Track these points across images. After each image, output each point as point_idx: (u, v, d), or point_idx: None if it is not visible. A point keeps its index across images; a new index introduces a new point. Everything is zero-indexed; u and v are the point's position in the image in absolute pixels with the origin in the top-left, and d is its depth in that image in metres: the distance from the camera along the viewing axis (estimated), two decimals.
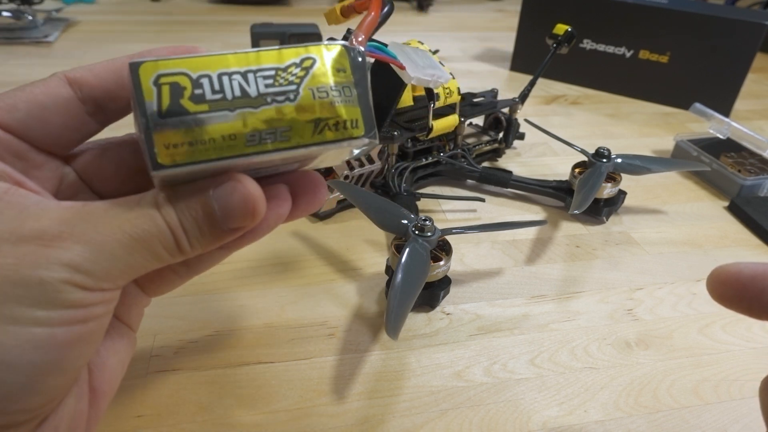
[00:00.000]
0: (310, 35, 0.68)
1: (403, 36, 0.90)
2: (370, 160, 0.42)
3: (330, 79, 0.18)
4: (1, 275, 0.15)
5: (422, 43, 0.44)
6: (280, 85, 0.18)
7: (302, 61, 0.18)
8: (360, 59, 0.19)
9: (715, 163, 0.50)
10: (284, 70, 0.18)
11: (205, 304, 0.33)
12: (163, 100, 0.16)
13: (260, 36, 0.67)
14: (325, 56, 0.18)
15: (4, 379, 0.15)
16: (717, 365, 0.31)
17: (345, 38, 0.39)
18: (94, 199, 0.20)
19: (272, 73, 0.18)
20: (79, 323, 0.16)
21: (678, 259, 0.40)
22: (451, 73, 0.43)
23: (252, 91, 0.17)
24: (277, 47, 0.18)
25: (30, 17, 0.81)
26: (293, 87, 0.18)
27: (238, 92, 0.17)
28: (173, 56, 0.17)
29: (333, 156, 0.20)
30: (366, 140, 0.19)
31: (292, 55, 0.18)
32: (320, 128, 0.18)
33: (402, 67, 0.22)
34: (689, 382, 0.30)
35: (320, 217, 0.42)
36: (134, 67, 0.16)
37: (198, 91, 0.17)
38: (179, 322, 0.32)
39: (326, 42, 0.18)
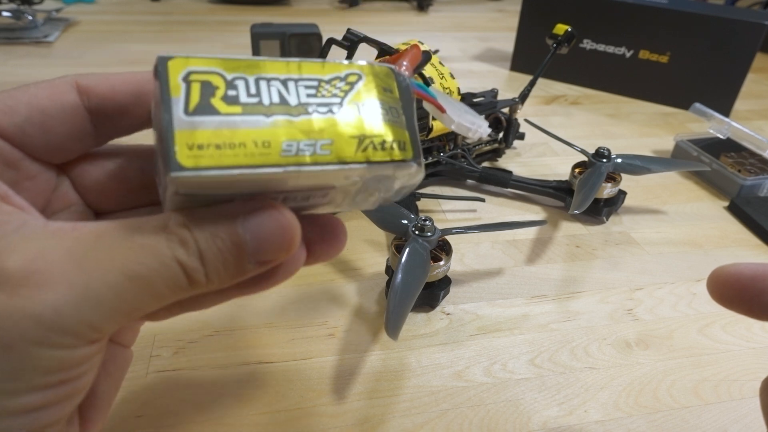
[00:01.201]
0: (310, 35, 0.68)
1: (403, 36, 0.90)
2: None
3: (376, 97, 0.16)
4: None
5: (422, 43, 0.44)
6: (323, 96, 0.16)
7: (347, 75, 0.16)
8: (406, 85, 0.17)
9: (715, 163, 0.50)
10: (328, 82, 0.16)
11: None
12: (192, 97, 0.15)
13: (260, 36, 0.67)
14: (373, 75, 0.17)
15: None
16: (717, 365, 0.31)
17: (345, 38, 0.39)
18: (88, 214, 0.19)
19: (315, 83, 0.16)
20: (58, 386, 0.14)
21: (678, 259, 0.40)
22: (451, 74, 0.43)
23: (292, 99, 0.15)
24: (321, 60, 0.16)
25: (30, 17, 0.81)
26: (337, 99, 0.16)
27: (276, 98, 0.15)
28: (207, 55, 0.15)
29: (377, 185, 0.17)
30: (413, 166, 0.16)
31: (336, 68, 0.16)
32: (364, 146, 0.16)
33: (443, 110, 0.21)
34: (689, 382, 0.30)
35: None
36: (163, 61, 0.15)
37: (232, 93, 0.15)
38: (179, 322, 0.32)
39: (374, 63, 0.17)
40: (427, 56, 0.22)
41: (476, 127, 0.21)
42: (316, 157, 0.15)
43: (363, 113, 0.16)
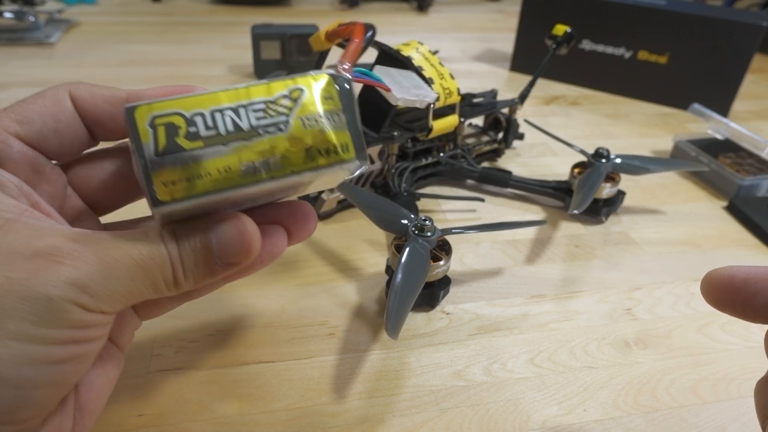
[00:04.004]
0: (310, 36, 0.68)
1: (403, 36, 0.90)
2: (371, 160, 0.42)
3: (319, 108, 0.19)
4: (12, 289, 0.15)
5: (422, 44, 0.44)
6: (271, 116, 0.18)
7: (291, 92, 0.18)
8: (347, 86, 0.19)
9: (713, 164, 0.50)
10: (274, 102, 0.18)
11: (205, 303, 0.33)
12: (159, 140, 0.17)
13: (261, 37, 0.67)
14: (313, 86, 0.19)
15: None
16: (715, 364, 0.32)
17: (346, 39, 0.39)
18: (93, 218, 0.22)
19: (263, 106, 0.18)
20: (76, 343, 0.17)
21: (677, 259, 0.40)
22: (451, 75, 0.43)
23: (244, 125, 0.18)
24: (266, 81, 0.19)
25: (32, 18, 0.81)
26: (284, 118, 0.18)
27: (231, 127, 0.18)
28: (167, 98, 0.18)
29: (326, 181, 0.20)
30: (357, 163, 0.19)
31: (280, 87, 0.18)
32: (312, 155, 0.19)
33: (387, 90, 0.23)
34: (688, 381, 0.30)
35: (320, 217, 0.42)
36: (130, 112, 0.17)
37: (192, 129, 0.17)
38: (180, 322, 0.32)
39: (313, 72, 0.19)
40: (371, 32, 0.23)
41: (421, 98, 0.23)
42: (271, 173, 0.18)
43: (308, 126, 0.18)
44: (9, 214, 0.17)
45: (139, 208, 0.22)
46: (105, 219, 0.23)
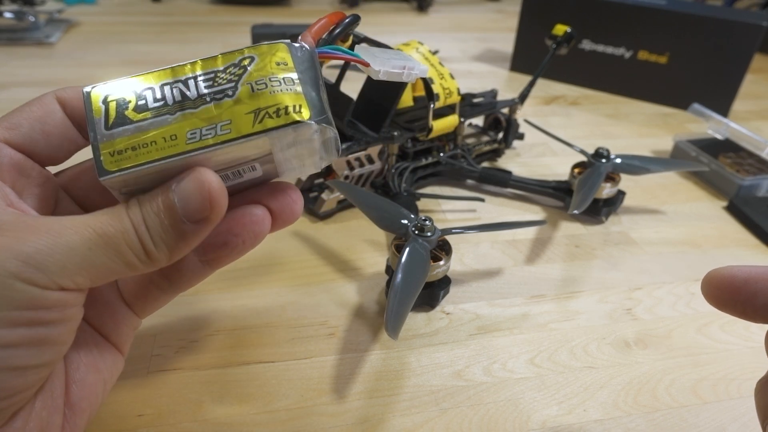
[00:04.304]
0: None
1: (403, 36, 0.90)
2: (370, 160, 0.42)
3: (269, 72, 0.18)
4: None
5: (422, 44, 0.44)
6: (219, 84, 0.18)
7: (240, 60, 0.18)
8: (302, 54, 0.19)
9: (713, 164, 0.50)
10: (223, 71, 0.18)
11: (205, 303, 0.33)
12: (110, 114, 0.18)
13: (261, 37, 0.67)
14: (264, 53, 0.19)
15: None
16: (715, 364, 0.32)
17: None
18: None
19: (211, 75, 0.18)
20: (32, 326, 0.16)
21: (677, 259, 0.40)
22: (451, 75, 0.43)
23: (191, 94, 0.18)
24: (219, 54, 0.19)
25: (32, 18, 0.81)
26: (231, 84, 0.18)
27: (178, 97, 0.18)
28: (125, 78, 0.18)
29: (294, 153, 0.19)
30: (313, 125, 0.18)
31: (231, 57, 0.19)
32: (260, 117, 0.18)
33: (365, 64, 0.22)
34: (688, 381, 0.30)
35: (320, 217, 0.42)
36: (87, 94, 0.18)
37: (141, 102, 0.18)
38: (180, 322, 0.32)
39: (267, 42, 0.19)
40: (351, 18, 0.22)
41: (408, 70, 0.22)
42: (217, 138, 0.18)
43: (256, 89, 0.18)
44: None
45: None
46: None
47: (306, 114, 0.18)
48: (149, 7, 1.04)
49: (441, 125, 0.43)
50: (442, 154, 0.46)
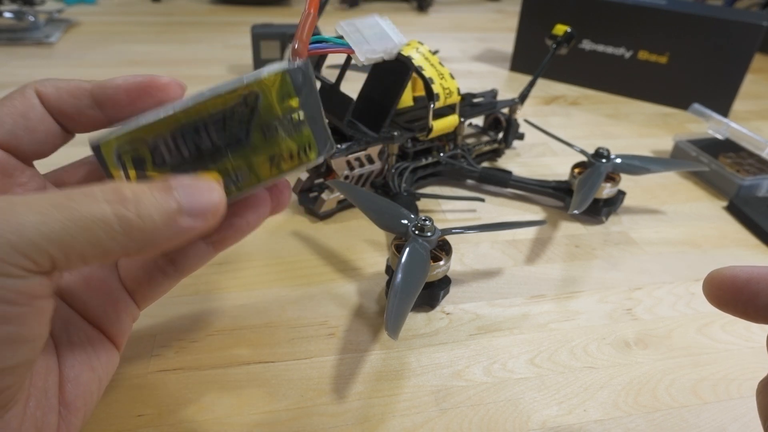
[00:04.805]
0: None
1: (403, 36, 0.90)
2: (370, 160, 0.42)
3: (277, 111, 0.18)
4: None
5: (422, 44, 0.44)
6: (230, 130, 0.18)
7: (245, 98, 0.18)
8: (302, 77, 0.19)
9: (713, 164, 0.50)
10: (231, 113, 0.18)
11: (205, 304, 0.33)
12: (131, 176, 0.18)
13: (261, 36, 0.67)
14: (268, 87, 0.18)
15: None
16: (716, 364, 0.31)
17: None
18: None
19: (221, 119, 0.18)
20: None
21: (677, 259, 0.40)
22: (451, 75, 0.43)
23: (206, 145, 0.18)
24: (221, 92, 0.18)
25: (32, 18, 0.81)
26: (243, 129, 0.18)
27: (194, 150, 0.18)
28: (127, 128, 0.18)
29: (291, 176, 0.21)
30: (321, 159, 0.20)
31: (235, 96, 0.18)
32: (276, 162, 0.19)
33: (351, 53, 0.21)
34: (688, 381, 0.30)
35: (320, 217, 0.42)
36: (97, 150, 0.18)
37: (158, 158, 0.18)
38: (180, 322, 0.32)
39: (266, 71, 0.18)
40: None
41: (389, 50, 0.21)
42: (239, 186, 0.19)
43: (268, 136, 0.19)
44: None
45: None
46: None
47: (314, 152, 0.19)
48: (149, 7, 1.04)
49: (441, 125, 0.43)
50: (442, 154, 0.46)
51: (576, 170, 0.44)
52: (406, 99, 0.45)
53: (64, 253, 0.14)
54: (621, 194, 0.45)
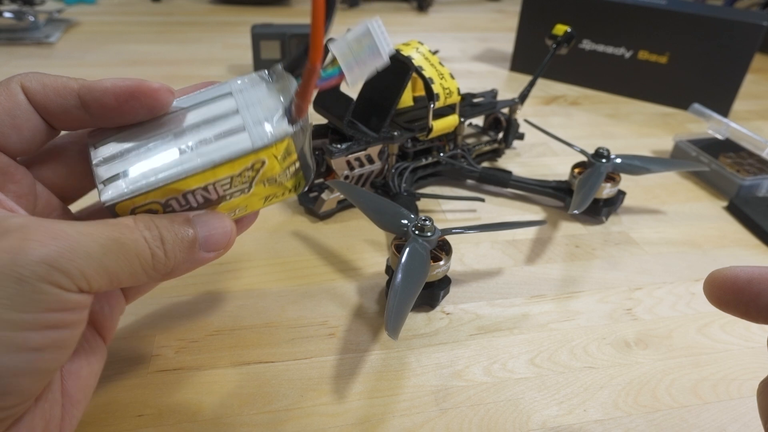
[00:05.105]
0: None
1: (403, 36, 0.90)
2: (370, 160, 0.42)
3: (279, 169, 0.20)
4: None
5: (422, 44, 0.44)
6: (236, 187, 0.20)
7: (253, 164, 0.20)
8: (301, 133, 0.20)
9: (713, 164, 0.50)
10: (238, 175, 0.20)
11: (205, 304, 0.33)
12: None
13: (261, 37, 0.67)
14: (274, 155, 0.20)
15: None
16: (716, 364, 0.31)
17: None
18: (68, 212, 0.22)
19: (228, 180, 0.20)
20: (55, 329, 0.16)
21: (677, 259, 0.40)
22: (451, 75, 0.43)
23: (212, 197, 0.20)
24: (232, 158, 0.19)
25: (32, 18, 0.81)
26: (246, 184, 0.20)
27: (201, 201, 0.20)
28: (144, 190, 0.19)
29: None
30: (306, 188, 0.24)
31: (244, 162, 0.19)
32: (269, 199, 0.22)
33: (341, 79, 0.21)
34: (688, 381, 0.30)
35: (320, 217, 0.42)
36: (112, 209, 0.19)
37: (168, 209, 0.20)
38: (180, 322, 0.32)
39: (272, 137, 0.19)
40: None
41: (379, 67, 0.21)
42: (234, 216, 0.22)
43: (267, 185, 0.21)
44: None
45: None
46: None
47: (302, 187, 0.22)
48: (149, 7, 1.04)
49: (441, 125, 0.43)
50: (442, 154, 0.46)
51: (576, 170, 0.44)
52: (406, 99, 0.45)
53: (110, 280, 0.17)
54: (621, 194, 0.45)
